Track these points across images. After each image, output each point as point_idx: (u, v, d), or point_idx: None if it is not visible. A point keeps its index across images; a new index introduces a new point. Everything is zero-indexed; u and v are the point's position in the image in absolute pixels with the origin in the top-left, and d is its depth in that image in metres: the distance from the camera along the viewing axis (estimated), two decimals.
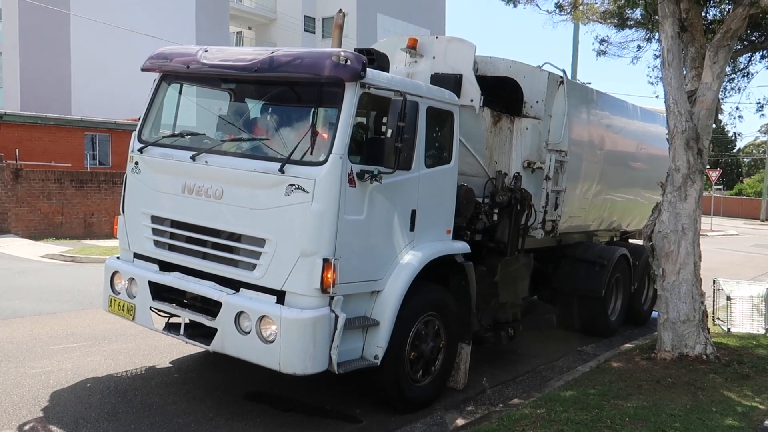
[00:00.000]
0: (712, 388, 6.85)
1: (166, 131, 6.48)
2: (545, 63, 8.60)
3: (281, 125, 6.08)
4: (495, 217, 7.45)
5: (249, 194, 5.59)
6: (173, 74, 6.49)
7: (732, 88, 10.62)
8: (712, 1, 9.33)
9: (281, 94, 6.16)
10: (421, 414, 6.23)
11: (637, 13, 10.36)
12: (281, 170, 5.39)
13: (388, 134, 5.53)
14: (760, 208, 56.62)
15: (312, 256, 5.28)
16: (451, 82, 7.31)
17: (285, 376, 5.37)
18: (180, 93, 6.61)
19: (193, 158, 5.92)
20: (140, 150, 6.38)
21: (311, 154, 5.43)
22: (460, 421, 6.10)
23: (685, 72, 8.42)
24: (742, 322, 9.75)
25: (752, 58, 10.22)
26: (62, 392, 6.27)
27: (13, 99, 34.11)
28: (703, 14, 8.98)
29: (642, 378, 7.19)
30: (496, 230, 7.46)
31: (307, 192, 5.30)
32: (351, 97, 5.48)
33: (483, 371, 7.48)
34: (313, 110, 5.77)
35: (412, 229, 6.14)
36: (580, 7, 10.65)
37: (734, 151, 74.14)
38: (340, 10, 7.35)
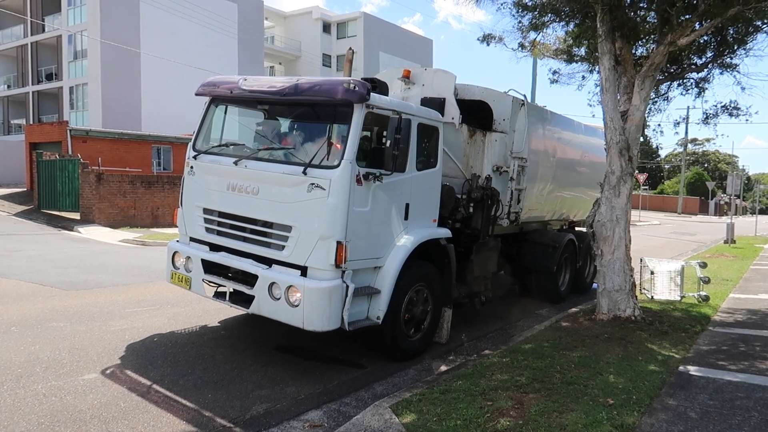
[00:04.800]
0: (639, 342, 6.84)
1: (215, 142, 6.46)
2: (510, 89, 8.58)
3: (304, 137, 6.05)
4: (471, 210, 7.43)
5: (279, 191, 5.57)
6: (220, 98, 6.46)
7: (655, 109, 10.55)
8: (640, 41, 9.28)
9: (304, 113, 6.15)
10: (413, 362, 6.24)
11: (582, 51, 10.30)
12: (304, 172, 5.38)
13: (388, 144, 5.50)
14: (677, 204, 56.58)
15: (328, 239, 5.28)
16: (436, 104, 7.29)
17: (307, 332, 5.37)
18: (225, 113, 6.57)
19: (235, 163, 5.92)
20: (194, 157, 6.37)
21: (327, 159, 5.43)
22: (443, 368, 6.09)
23: (619, 96, 8.37)
24: (663, 291, 9.72)
25: (671, 86, 10.16)
26: (135, 345, 6.29)
27: (96, 119, 34.13)
28: (633, 51, 8.93)
29: (585, 334, 7.19)
30: (472, 220, 7.45)
31: (324, 189, 5.29)
32: (358, 115, 5.46)
33: (461, 329, 7.49)
34: (328, 125, 5.77)
35: (406, 218, 6.12)
36: (538, 46, 10.59)
37: (658, 159, 74.04)
38: (350, 48, 7.33)
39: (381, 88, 6.28)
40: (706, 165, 76.18)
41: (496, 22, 64.98)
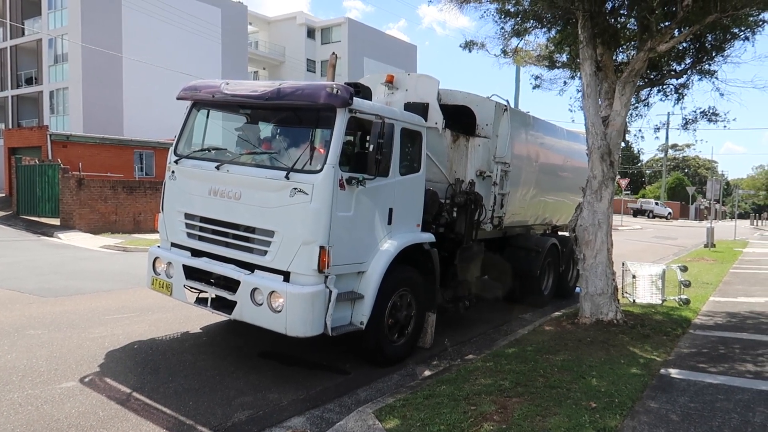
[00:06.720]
0: (621, 345, 6.89)
1: (197, 147, 6.40)
2: (493, 94, 8.61)
3: (286, 142, 6.02)
4: (454, 214, 7.44)
5: (261, 196, 5.53)
6: (202, 102, 6.41)
7: (636, 115, 10.66)
8: (620, 47, 9.40)
9: (286, 118, 6.13)
10: (397, 367, 6.22)
11: (564, 57, 10.40)
12: (287, 177, 5.35)
13: (371, 149, 5.50)
14: None
15: (311, 244, 5.25)
16: (420, 109, 7.30)
17: (290, 338, 5.32)
18: (207, 117, 6.52)
19: (217, 168, 5.85)
20: (176, 161, 6.30)
21: (310, 164, 5.39)
22: (427, 372, 6.08)
23: (600, 102, 8.47)
24: (644, 294, 9.82)
25: (651, 92, 10.29)
26: (114, 352, 6.19)
27: (77, 124, 33.68)
28: (614, 57, 9.03)
29: (568, 338, 7.22)
30: (455, 224, 7.46)
31: (307, 194, 5.26)
32: (341, 119, 5.45)
33: (445, 334, 7.46)
34: (311, 130, 5.76)
35: (389, 223, 6.11)
36: (520, 53, 10.68)
37: (639, 164, 75.04)
38: (334, 53, 7.32)
39: (364, 92, 6.30)
40: (686, 170, 77.43)
41: (479, 28, 65.67)
